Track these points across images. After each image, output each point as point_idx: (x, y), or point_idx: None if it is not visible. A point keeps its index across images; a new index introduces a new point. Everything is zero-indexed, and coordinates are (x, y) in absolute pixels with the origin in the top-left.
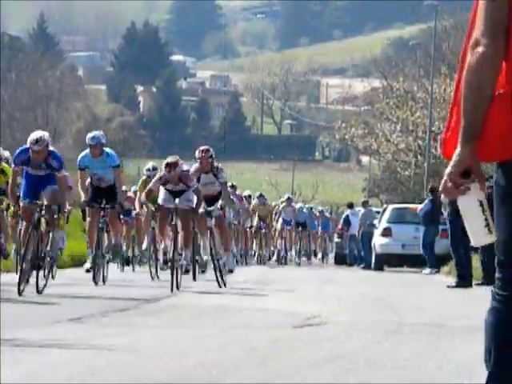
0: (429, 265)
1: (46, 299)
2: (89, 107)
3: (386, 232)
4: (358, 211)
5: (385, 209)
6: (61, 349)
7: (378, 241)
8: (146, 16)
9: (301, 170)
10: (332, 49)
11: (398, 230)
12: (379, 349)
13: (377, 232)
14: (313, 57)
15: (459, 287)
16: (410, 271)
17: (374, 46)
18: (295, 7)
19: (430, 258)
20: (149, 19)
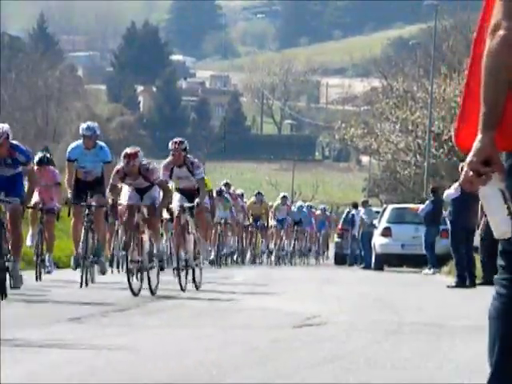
0: (431, 265)
1: (46, 299)
2: (89, 107)
3: (386, 232)
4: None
5: (385, 209)
6: (61, 349)
7: (378, 241)
8: (146, 16)
9: (301, 170)
10: (332, 49)
11: (398, 230)
12: (379, 349)
13: (377, 232)
14: (312, 57)
15: (459, 287)
16: (410, 271)
17: (374, 46)
18: (295, 7)
19: (432, 259)
20: (149, 19)
